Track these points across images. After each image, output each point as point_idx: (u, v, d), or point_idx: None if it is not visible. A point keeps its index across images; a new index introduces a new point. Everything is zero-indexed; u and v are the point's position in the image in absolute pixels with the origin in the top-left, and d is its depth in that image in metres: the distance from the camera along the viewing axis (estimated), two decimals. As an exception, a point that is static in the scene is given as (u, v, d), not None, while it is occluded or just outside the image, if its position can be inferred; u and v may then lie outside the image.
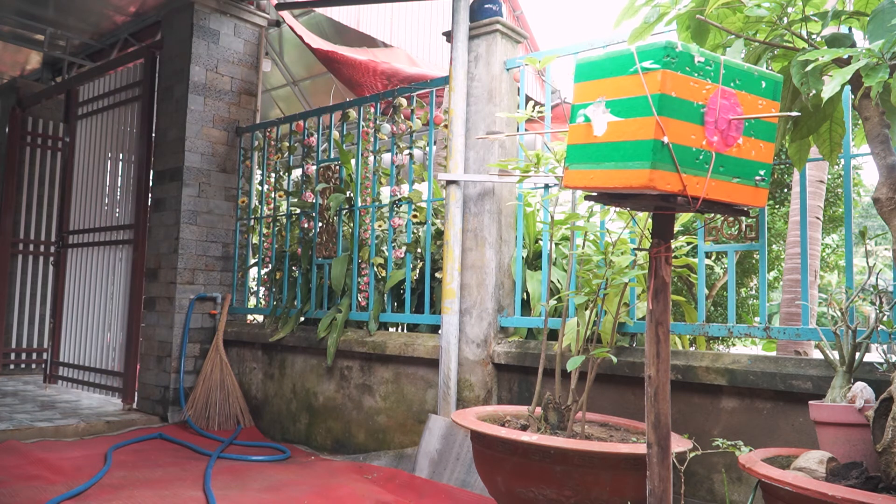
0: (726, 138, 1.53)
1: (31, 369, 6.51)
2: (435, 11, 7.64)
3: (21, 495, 2.71)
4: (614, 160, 1.50)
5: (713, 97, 1.50)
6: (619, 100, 1.51)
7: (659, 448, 1.66)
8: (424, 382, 3.45)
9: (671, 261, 1.69)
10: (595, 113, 1.56)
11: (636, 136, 1.46)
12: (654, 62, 1.44)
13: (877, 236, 2.30)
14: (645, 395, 1.67)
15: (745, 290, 6.83)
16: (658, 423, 1.66)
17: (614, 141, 1.51)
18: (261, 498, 2.80)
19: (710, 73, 1.50)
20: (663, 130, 1.43)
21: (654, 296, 1.67)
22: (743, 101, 1.55)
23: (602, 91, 1.55)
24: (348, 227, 4.15)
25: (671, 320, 3.01)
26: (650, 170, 1.42)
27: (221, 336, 4.53)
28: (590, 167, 1.57)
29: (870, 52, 1.52)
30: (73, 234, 5.60)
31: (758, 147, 1.59)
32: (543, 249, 3.08)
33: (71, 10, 5.45)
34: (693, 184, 1.48)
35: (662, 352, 1.67)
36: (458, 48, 3.32)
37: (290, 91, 7.79)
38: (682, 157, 1.46)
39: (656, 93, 1.43)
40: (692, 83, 1.47)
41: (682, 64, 1.45)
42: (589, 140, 1.57)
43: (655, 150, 1.42)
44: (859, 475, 1.70)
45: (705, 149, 1.50)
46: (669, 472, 1.67)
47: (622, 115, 1.50)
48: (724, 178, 1.54)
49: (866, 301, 2.14)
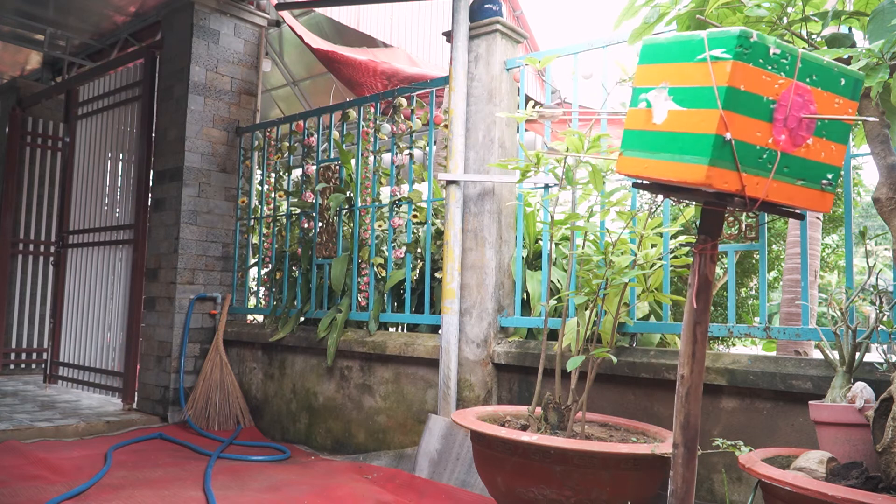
0: (795, 138, 1.43)
1: (31, 369, 6.51)
2: (435, 11, 7.65)
3: (21, 495, 2.71)
4: (672, 151, 1.42)
5: (785, 93, 1.40)
6: (684, 87, 1.42)
7: (685, 449, 1.62)
8: (424, 382, 3.45)
9: (716, 259, 1.60)
10: (657, 99, 1.47)
11: (697, 128, 1.38)
12: (725, 51, 1.35)
13: (877, 236, 2.30)
14: (676, 395, 1.62)
15: (745, 290, 6.83)
16: (687, 424, 1.61)
17: (674, 131, 1.43)
18: (261, 498, 2.80)
19: (786, 66, 1.39)
20: (727, 126, 1.34)
21: (697, 295, 1.58)
22: (818, 98, 1.44)
23: (666, 76, 1.46)
24: (348, 227, 4.15)
25: (671, 320, 3.02)
26: (708, 166, 1.34)
27: (221, 336, 4.53)
28: (645, 155, 1.49)
29: (870, 52, 1.52)
30: (73, 234, 5.60)
31: (829, 149, 1.48)
32: (543, 249, 3.08)
33: (71, 10, 5.45)
34: (753, 184, 1.39)
35: (699, 352, 1.59)
36: (458, 48, 3.32)
37: (290, 91, 7.80)
38: (744, 155, 1.37)
39: (724, 84, 1.34)
40: (764, 76, 1.37)
41: (756, 55, 1.35)
42: (647, 127, 1.49)
43: (716, 146, 1.34)
44: (859, 475, 1.70)
45: (770, 147, 1.40)
46: (694, 475, 1.62)
47: (685, 105, 1.41)
48: (788, 179, 1.44)
49: (866, 301, 2.14)
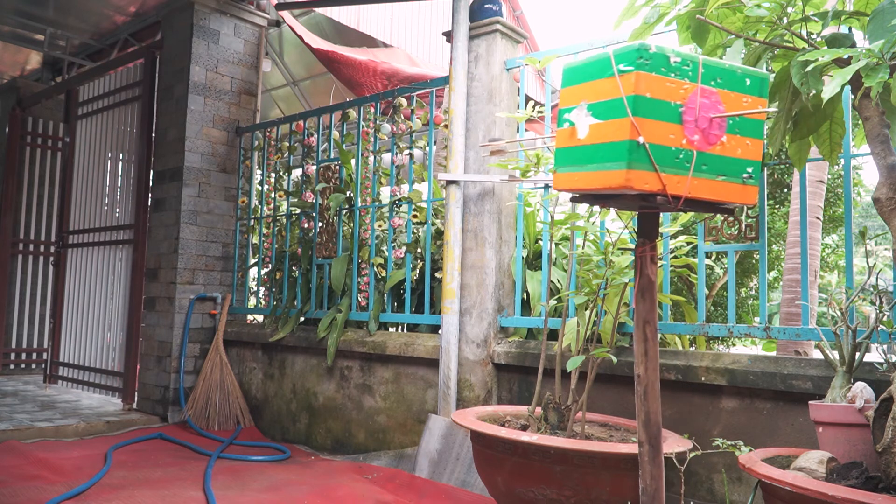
0: (708, 137, 1.53)
1: (31, 369, 6.51)
2: (435, 11, 7.64)
3: (21, 495, 2.71)
4: (595, 161, 1.53)
5: (692, 96, 1.51)
6: (599, 102, 1.54)
7: (650, 447, 1.67)
8: (424, 382, 3.45)
9: (657, 260, 1.70)
10: (578, 116, 1.59)
11: (613, 137, 1.49)
12: (627, 64, 1.47)
13: (877, 236, 2.30)
14: (635, 395, 1.67)
15: (745, 290, 6.82)
16: (648, 422, 1.67)
17: (595, 143, 1.54)
18: (261, 498, 2.80)
19: (688, 72, 1.51)
20: (638, 131, 1.45)
21: (641, 294, 1.68)
22: (725, 99, 1.55)
23: (584, 95, 1.58)
24: (348, 227, 4.15)
25: (671, 320, 3.02)
26: (626, 170, 1.45)
27: (221, 336, 4.53)
28: (574, 169, 1.60)
29: (870, 53, 1.52)
30: (73, 234, 5.60)
31: (744, 144, 1.58)
32: (543, 249, 3.08)
33: (71, 10, 5.45)
34: (674, 182, 1.49)
35: (651, 350, 1.67)
36: (458, 48, 3.32)
37: (290, 91, 7.80)
38: (660, 156, 1.47)
39: (630, 94, 1.46)
40: (668, 83, 1.48)
41: (657, 65, 1.47)
42: (573, 143, 1.60)
43: (631, 150, 1.45)
44: (859, 475, 1.70)
45: (685, 147, 1.50)
46: (661, 471, 1.67)
47: (602, 118, 1.53)
48: (708, 176, 1.54)
49: (866, 301, 2.14)
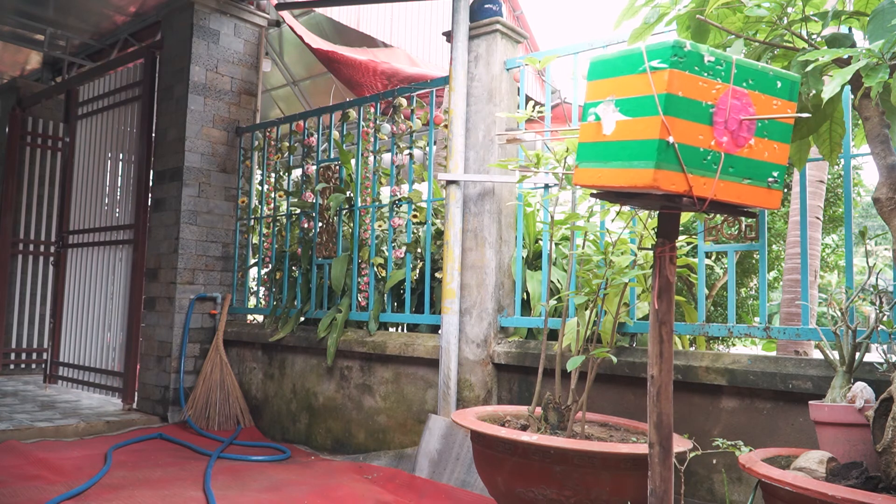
0: (737, 139, 1.51)
1: (31, 369, 6.51)
2: (435, 11, 7.64)
3: (21, 495, 2.71)
4: (621, 159, 1.50)
5: (723, 97, 1.48)
6: (628, 98, 1.51)
7: (661, 448, 1.66)
8: (424, 382, 3.45)
9: (675, 260, 1.68)
10: (605, 111, 1.56)
11: (642, 135, 1.46)
12: (661, 61, 1.44)
13: (877, 236, 2.30)
14: (647, 395, 1.66)
15: (745, 290, 6.82)
16: (660, 423, 1.65)
17: (622, 140, 1.51)
18: (261, 498, 2.80)
19: (721, 72, 1.48)
20: (668, 130, 1.42)
21: (659, 295, 1.66)
22: (756, 101, 1.53)
23: (612, 90, 1.55)
24: (348, 227, 4.15)
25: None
26: (654, 170, 1.42)
27: (221, 336, 4.53)
28: (598, 165, 1.57)
29: (870, 53, 1.52)
30: (73, 234, 5.60)
31: (771, 148, 1.56)
32: (543, 249, 3.08)
33: (71, 10, 5.45)
34: (700, 184, 1.47)
35: (666, 351, 1.65)
36: (458, 48, 3.32)
37: (290, 91, 7.79)
38: (688, 157, 1.45)
39: (663, 92, 1.43)
40: (701, 83, 1.46)
41: (691, 63, 1.44)
42: (598, 139, 1.58)
43: (660, 150, 1.42)
44: (859, 475, 1.70)
45: (714, 149, 1.48)
46: (671, 473, 1.66)
47: (630, 115, 1.50)
48: (734, 179, 1.52)
49: (866, 301, 2.14)
